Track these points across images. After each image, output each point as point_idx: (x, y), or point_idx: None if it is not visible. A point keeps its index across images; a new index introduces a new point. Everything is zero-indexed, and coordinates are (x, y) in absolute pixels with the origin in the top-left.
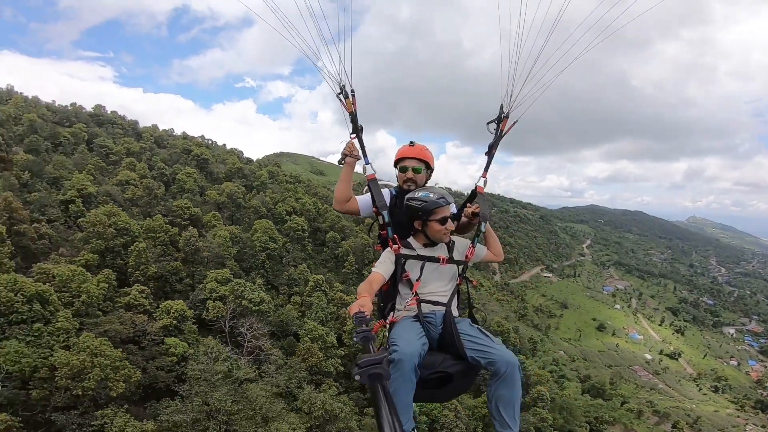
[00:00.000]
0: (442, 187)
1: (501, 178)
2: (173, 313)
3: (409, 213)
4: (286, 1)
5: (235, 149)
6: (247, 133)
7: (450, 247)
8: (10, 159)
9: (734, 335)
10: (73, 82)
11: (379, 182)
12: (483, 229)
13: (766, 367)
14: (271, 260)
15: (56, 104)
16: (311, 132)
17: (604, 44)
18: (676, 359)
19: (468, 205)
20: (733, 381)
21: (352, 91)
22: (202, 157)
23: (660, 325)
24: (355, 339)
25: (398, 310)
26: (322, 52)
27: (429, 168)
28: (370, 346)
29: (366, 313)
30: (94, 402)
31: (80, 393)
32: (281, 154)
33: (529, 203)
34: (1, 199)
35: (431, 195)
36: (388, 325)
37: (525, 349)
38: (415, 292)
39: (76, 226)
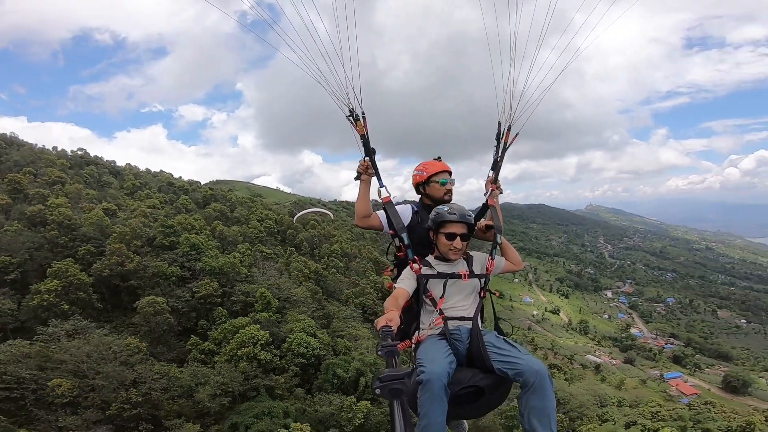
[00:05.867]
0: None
1: None
2: (243, 254)
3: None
4: (291, 24)
5: (193, 180)
6: (160, 161)
7: (469, 261)
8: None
9: (611, 297)
10: None
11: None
12: (499, 241)
13: (632, 318)
14: (261, 243)
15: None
16: (233, 157)
17: (494, 56)
18: (557, 314)
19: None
20: (603, 329)
21: (363, 113)
22: (183, 188)
23: (549, 291)
24: (379, 353)
25: (422, 329)
26: (329, 75)
27: None
28: (394, 361)
29: (393, 328)
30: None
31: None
32: (218, 182)
33: None
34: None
35: (445, 209)
36: (413, 345)
37: None
38: (440, 309)
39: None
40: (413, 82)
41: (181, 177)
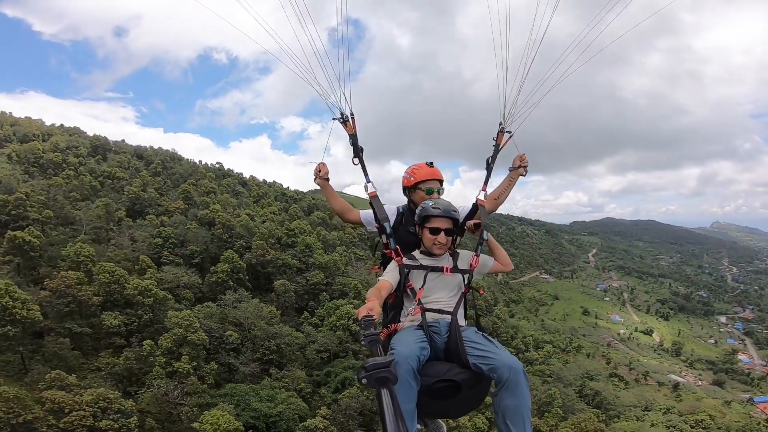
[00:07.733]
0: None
1: (519, 199)
2: (341, 254)
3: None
4: (294, 41)
5: (299, 190)
6: (266, 169)
7: (454, 257)
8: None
9: (724, 322)
10: (98, 123)
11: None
12: (485, 237)
13: (744, 344)
14: (354, 246)
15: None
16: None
17: (588, 61)
18: (649, 335)
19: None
20: (702, 353)
21: (352, 114)
22: (292, 197)
23: (646, 312)
24: (362, 342)
25: (401, 321)
26: (322, 79)
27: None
28: (378, 350)
29: (374, 317)
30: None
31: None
32: (317, 191)
33: (537, 220)
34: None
35: (430, 203)
36: (391, 334)
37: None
38: (418, 300)
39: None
40: (498, 84)
41: (288, 187)
